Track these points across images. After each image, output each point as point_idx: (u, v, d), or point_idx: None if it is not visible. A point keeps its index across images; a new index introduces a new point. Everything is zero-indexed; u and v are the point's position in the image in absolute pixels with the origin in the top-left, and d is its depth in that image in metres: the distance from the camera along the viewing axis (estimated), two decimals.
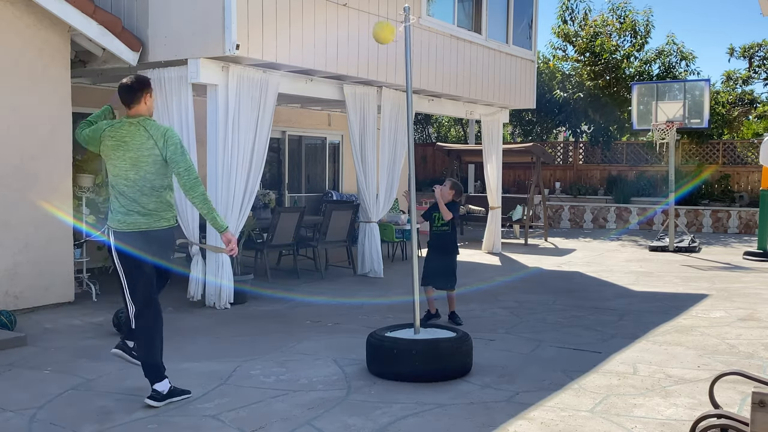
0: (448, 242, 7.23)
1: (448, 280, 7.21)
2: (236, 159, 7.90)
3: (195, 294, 7.95)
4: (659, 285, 9.76)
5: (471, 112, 12.74)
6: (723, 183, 18.03)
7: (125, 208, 4.56)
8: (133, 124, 4.55)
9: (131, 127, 4.54)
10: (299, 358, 5.88)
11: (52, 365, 5.57)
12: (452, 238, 7.24)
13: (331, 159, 15.59)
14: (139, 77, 4.66)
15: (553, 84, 20.08)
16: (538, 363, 5.78)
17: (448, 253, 7.23)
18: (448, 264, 7.21)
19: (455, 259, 7.30)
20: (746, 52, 20.84)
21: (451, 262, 7.25)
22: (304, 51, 8.33)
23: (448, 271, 7.19)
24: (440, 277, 7.17)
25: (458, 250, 7.36)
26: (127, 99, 4.57)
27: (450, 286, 7.23)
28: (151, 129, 4.54)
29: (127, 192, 4.54)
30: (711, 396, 3.85)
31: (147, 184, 4.53)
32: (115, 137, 4.56)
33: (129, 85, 4.57)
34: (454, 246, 7.29)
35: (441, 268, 7.17)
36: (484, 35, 11.88)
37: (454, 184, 7.24)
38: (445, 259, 7.20)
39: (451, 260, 7.25)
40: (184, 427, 4.33)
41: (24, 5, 7.36)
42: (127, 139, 4.53)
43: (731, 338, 6.63)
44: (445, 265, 7.19)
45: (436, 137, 25.21)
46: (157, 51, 7.91)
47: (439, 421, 4.45)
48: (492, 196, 13.31)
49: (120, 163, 4.54)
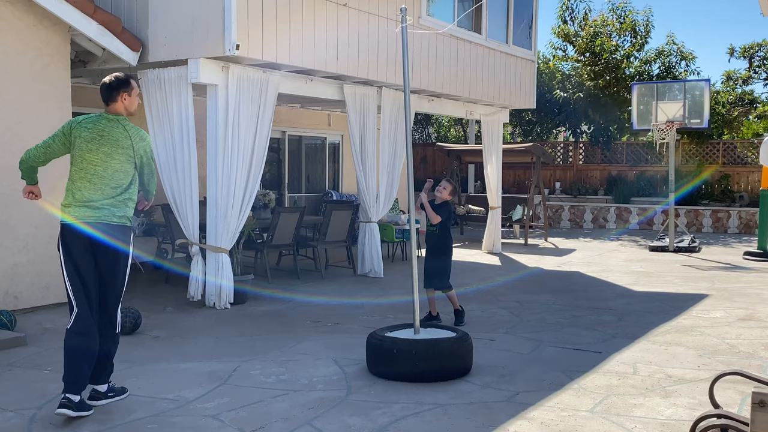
0: (438, 243, 7.10)
1: (439, 281, 7.11)
2: (236, 159, 7.90)
3: (195, 294, 7.95)
4: (659, 285, 9.76)
5: (471, 112, 12.74)
6: (723, 183, 18.03)
7: (80, 201, 4.50)
8: (112, 120, 4.58)
9: (110, 123, 4.57)
10: (299, 358, 5.88)
11: (52, 365, 5.57)
12: (441, 238, 7.07)
13: (331, 159, 15.59)
14: (120, 76, 4.68)
15: (553, 84, 20.09)
16: (538, 363, 5.78)
17: (438, 253, 7.12)
18: (437, 264, 7.12)
19: (445, 259, 7.13)
20: (746, 52, 20.86)
21: (440, 262, 7.11)
22: (304, 51, 8.33)
23: (438, 271, 7.10)
24: (433, 277, 7.11)
25: (449, 251, 7.16)
26: (104, 96, 4.61)
27: (441, 286, 7.13)
28: (129, 128, 4.61)
29: (89, 186, 4.49)
30: (711, 396, 3.86)
31: (112, 181, 4.51)
32: (92, 129, 4.54)
33: (107, 84, 4.61)
34: (444, 247, 7.11)
35: (432, 268, 7.12)
36: (484, 35, 11.88)
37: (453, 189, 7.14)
38: (435, 259, 7.13)
39: (440, 260, 7.10)
40: (184, 427, 4.33)
41: (24, 5, 7.35)
42: (105, 133, 4.53)
43: (731, 338, 6.63)
44: (436, 266, 7.11)
45: (436, 137, 25.21)
46: (157, 51, 7.91)
47: (439, 421, 4.45)
48: (492, 196, 13.31)
49: (90, 156, 4.50)
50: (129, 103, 4.66)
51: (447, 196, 7.08)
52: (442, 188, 7.06)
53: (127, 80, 4.65)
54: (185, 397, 4.87)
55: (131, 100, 4.66)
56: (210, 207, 7.92)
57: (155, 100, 8.03)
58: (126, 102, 4.63)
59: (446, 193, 7.07)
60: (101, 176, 4.49)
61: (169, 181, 8.01)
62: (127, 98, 4.63)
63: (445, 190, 7.05)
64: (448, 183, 7.14)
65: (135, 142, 4.59)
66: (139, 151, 4.61)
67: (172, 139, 7.94)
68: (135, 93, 4.69)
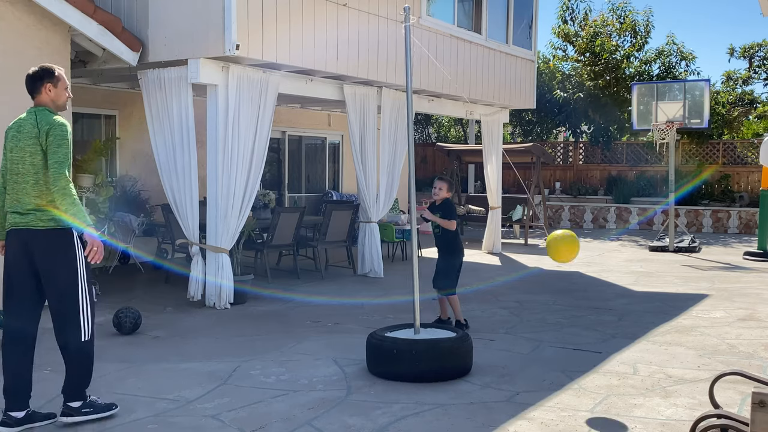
0: (443, 243, 6.81)
1: (440, 280, 6.81)
2: (236, 159, 7.90)
3: (195, 294, 7.95)
4: (659, 285, 9.76)
5: (471, 112, 12.74)
6: (723, 183, 18.03)
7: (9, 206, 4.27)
8: (30, 112, 4.27)
9: (28, 116, 4.26)
10: (299, 358, 5.88)
11: (52, 365, 5.56)
12: (445, 239, 6.78)
13: (331, 159, 15.59)
14: (45, 66, 4.35)
15: (553, 84, 20.09)
16: (538, 363, 5.78)
17: (445, 253, 6.86)
18: (441, 264, 6.84)
19: (450, 259, 6.82)
20: (746, 52, 20.85)
21: (445, 262, 6.82)
22: (304, 51, 8.33)
23: (440, 271, 6.82)
24: (436, 277, 6.84)
25: (457, 251, 6.85)
26: (28, 88, 4.32)
27: (440, 285, 6.80)
28: (40, 118, 4.20)
29: (15, 188, 4.23)
30: (711, 396, 3.85)
31: (31, 177, 4.17)
32: (14, 127, 4.30)
33: (31, 75, 4.31)
34: (450, 246, 6.82)
35: (438, 267, 6.88)
36: (484, 35, 11.89)
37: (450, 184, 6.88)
38: (442, 259, 6.90)
39: (446, 260, 6.82)
40: (184, 427, 4.33)
41: (24, 5, 7.35)
42: (21, 128, 4.24)
43: (731, 338, 6.63)
44: (440, 265, 6.86)
45: (436, 137, 25.22)
46: (157, 51, 7.91)
47: (439, 421, 4.45)
48: (492, 196, 13.32)
49: (11, 155, 4.25)
50: (55, 94, 4.31)
51: (446, 193, 6.77)
52: (438, 188, 6.74)
53: (51, 71, 4.31)
54: (185, 397, 4.87)
55: (57, 91, 4.31)
56: (210, 207, 7.92)
57: (155, 100, 8.03)
58: (52, 94, 4.29)
59: (444, 191, 6.75)
60: (22, 174, 4.18)
61: (169, 181, 8.02)
62: (53, 90, 4.28)
63: (442, 189, 6.74)
64: (442, 181, 6.81)
65: (41, 128, 4.15)
66: (44, 134, 4.13)
67: (172, 139, 7.94)
68: (62, 85, 4.34)
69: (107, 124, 11.04)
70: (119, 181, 10.69)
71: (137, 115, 10.82)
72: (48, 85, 4.29)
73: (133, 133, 11.07)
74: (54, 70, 4.34)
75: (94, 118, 10.89)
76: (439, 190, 6.74)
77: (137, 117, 10.84)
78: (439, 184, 6.76)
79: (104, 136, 10.74)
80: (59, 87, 4.33)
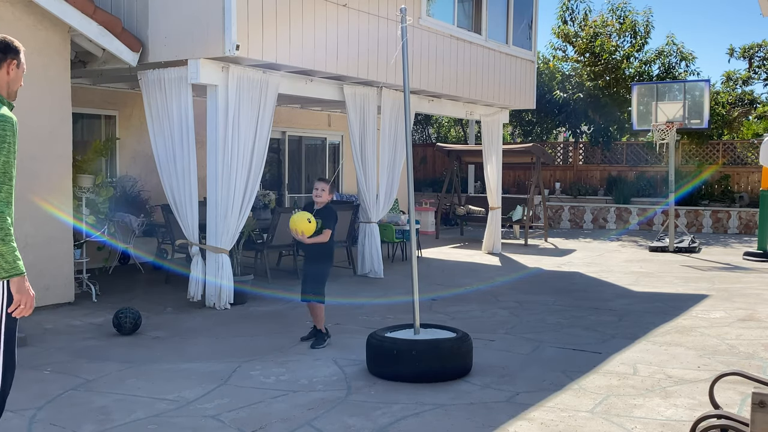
0: (314, 249, 6.30)
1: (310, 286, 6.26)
2: (236, 159, 7.90)
3: (195, 294, 7.94)
4: (659, 285, 9.76)
5: (471, 112, 12.74)
6: (723, 183, 18.03)
7: None
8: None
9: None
10: (299, 358, 5.88)
11: (52, 365, 5.57)
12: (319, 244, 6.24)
13: (331, 159, 15.59)
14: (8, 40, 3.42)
15: (553, 84, 20.09)
16: (538, 363, 5.78)
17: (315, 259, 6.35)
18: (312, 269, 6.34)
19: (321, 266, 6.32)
20: (746, 52, 20.84)
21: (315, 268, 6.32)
22: (304, 51, 8.33)
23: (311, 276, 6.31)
24: (306, 282, 6.32)
25: (330, 258, 6.38)
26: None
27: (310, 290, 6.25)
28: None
29: None
30: (711, 396, 3.86)
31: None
32: None
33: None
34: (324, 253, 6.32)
35: (307, 273, 6.38)
36: (484, 36, 11.89)
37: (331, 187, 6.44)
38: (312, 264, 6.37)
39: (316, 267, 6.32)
40: (184, 427, 4.33)
41: (24, 6, 7.36)
42: None
43: (731, 338, 6.63)
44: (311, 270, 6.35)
45: (436, 137, 25.22)
46: (157, 51, 7.91)
47: (439, 421, 4.45)
48: (492, 196, 13.32)
49: None
50: (15, 76, 3.44)
51: (327, 197, 6.34)
52: (321, 190, 6.30)
53: (17, 47, 3.42)
54: (185, 397, 4.87)
55: (17, 73, 3.44)
56: (210, 207, 7.92)
57: (155, 100, 8.03)
58: (12, 74, 3.41)
59: (326, 195, 6.32)
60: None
61: (168, 182, 8.02)
62: (14, 70, 3.41)
63: (324, 192, 6.31)
64: (322, 182, 6.37)
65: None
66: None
67: (171, 139, 7.94)
68: (22, 69, 3.47)
69: (107, 125, 11.04)
70: (119, 181, 10.68)
71: (137, 116, 10.82)
72: (12, 62, 3.40)
73: (133, 133, 11.07)
74: (20, 48, 3.45)
75: (94, 119, 10.89)
76: (322, 192, 6.32)
77: (137, 117, 10.84)
78: (321, 185, 6.34)
79: (104, 137, 10.73)
80: (20, 69, 3.46)
